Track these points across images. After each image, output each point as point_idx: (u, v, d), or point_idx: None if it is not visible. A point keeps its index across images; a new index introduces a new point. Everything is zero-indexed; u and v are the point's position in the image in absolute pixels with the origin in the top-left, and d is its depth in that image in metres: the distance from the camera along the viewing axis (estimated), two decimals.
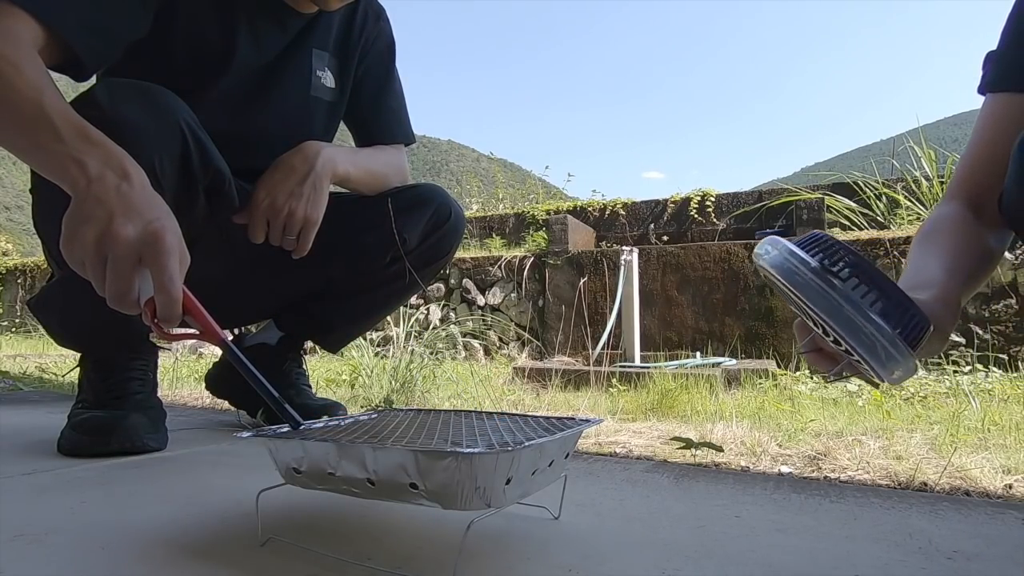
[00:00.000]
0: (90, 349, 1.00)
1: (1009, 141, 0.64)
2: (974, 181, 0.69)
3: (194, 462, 0.90)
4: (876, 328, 0.44)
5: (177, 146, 0.83)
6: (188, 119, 0.84)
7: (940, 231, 0.68)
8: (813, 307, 0.46)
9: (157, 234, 0.60)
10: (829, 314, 0.45)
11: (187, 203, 0.87)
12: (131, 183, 0.64)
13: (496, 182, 6.38)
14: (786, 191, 3.92)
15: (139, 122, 0.80)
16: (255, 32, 1.00)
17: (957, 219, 0.68)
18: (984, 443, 1.15)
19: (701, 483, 0.81)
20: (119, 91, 0.82)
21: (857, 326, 0.44)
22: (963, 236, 0.66)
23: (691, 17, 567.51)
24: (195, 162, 0.85)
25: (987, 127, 0.68)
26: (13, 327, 5.79)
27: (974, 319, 2.79)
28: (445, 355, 2.41)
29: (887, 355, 0.45)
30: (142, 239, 0.60)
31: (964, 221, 0.68)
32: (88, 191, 0.61)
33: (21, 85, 0.66)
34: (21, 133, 0.66)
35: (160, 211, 0.64)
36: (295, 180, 0.95)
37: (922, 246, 0.68)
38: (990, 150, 0.67)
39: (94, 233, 0.60)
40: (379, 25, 1.19)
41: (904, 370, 0.46)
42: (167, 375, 2.17)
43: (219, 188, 0.90)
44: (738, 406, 1.61)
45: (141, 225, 0.61)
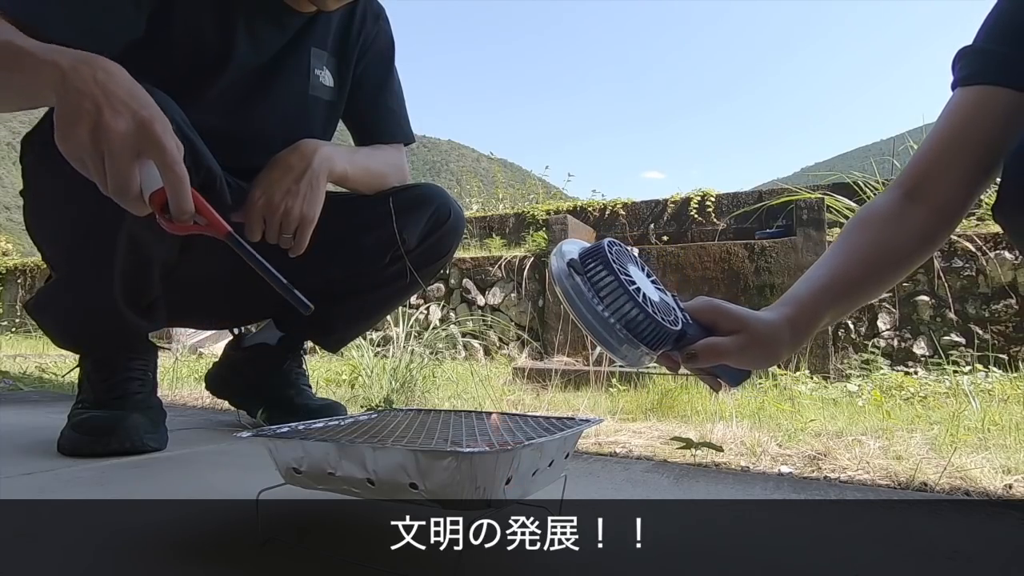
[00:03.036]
0: (88, 350, 1.00)
1: (975, 133, 0.66)
2: (921, 169, 0.70)
3: (194, 462, 0.90)
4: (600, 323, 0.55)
5: None
6: (175, 118, 0.82)
7: (864, 222, 0.71)
8: (572, 313, 0.56)
9: (147, 123, 0.61)
10: (579, 318, 0.55)
11: None
12: (108, 73, 0.63)
13: (496, 182, 6.38)
14: (786, 191, 3.92)
15: None
16: (253, 31, 1.00)
17: (884, 213, 0.70)
18: (984, 443, 1.14)
19: (701, 483, 0.81)
20: None
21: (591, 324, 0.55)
22: (881, 233, 0.69)
23: (692, 18, 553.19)
24: (186, 161, 0.84)
25: (953, 118, 0.68)
26: (13, 327, 5.79)
27: (974, 319, 2.79)
28: (445, 355, 2.41)
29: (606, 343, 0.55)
30: (136, 131, 0.61)
31: (890, 217, 0.69)
32: (65, 83, 0.61)
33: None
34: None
35: (145, 100, 0.64)
36: (292, 178, 0.94)
37: (840, 239, 0.71)
38: (950, 140, 0.68)
39: (87, 128, 0.60)
40: (378, 25, 1.19)
41: (629, 360, 0.56)
42: (167, 375, 2.17)
43: (211, 187, 0.89)
44: (738, 406, 1.61)
45: (130, 116, 0.61)
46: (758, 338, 0.59)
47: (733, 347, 0.59)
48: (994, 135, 0.66)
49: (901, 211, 0.69)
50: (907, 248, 0.69)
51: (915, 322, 2.92)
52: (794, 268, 3.12)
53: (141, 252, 0.86)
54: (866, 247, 0.69)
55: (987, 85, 0.65)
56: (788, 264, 3.14)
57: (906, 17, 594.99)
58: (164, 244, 0.89)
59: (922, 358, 2.86)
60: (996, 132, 0.66)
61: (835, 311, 0.67)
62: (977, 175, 0.68)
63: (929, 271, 2.90)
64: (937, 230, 0.70)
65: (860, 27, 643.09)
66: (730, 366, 0.62)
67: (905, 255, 0.70)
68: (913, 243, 0.69)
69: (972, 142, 0.67)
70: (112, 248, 0.83)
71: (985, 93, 0.65)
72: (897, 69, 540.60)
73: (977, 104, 0.66)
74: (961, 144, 0.67)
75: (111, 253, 0.84)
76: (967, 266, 2.83)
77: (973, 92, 0.66)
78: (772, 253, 3.19)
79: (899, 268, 0.71)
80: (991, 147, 0.66)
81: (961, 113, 0.68)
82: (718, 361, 0.60)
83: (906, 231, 0.69)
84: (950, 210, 0.69)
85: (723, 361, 0.60)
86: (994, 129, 0.65)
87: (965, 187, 0.68)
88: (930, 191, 0.68)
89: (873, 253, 0.69)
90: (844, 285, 0.67)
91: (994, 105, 0.65)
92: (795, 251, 3.14)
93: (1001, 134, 0.66)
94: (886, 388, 2.08)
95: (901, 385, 2.09)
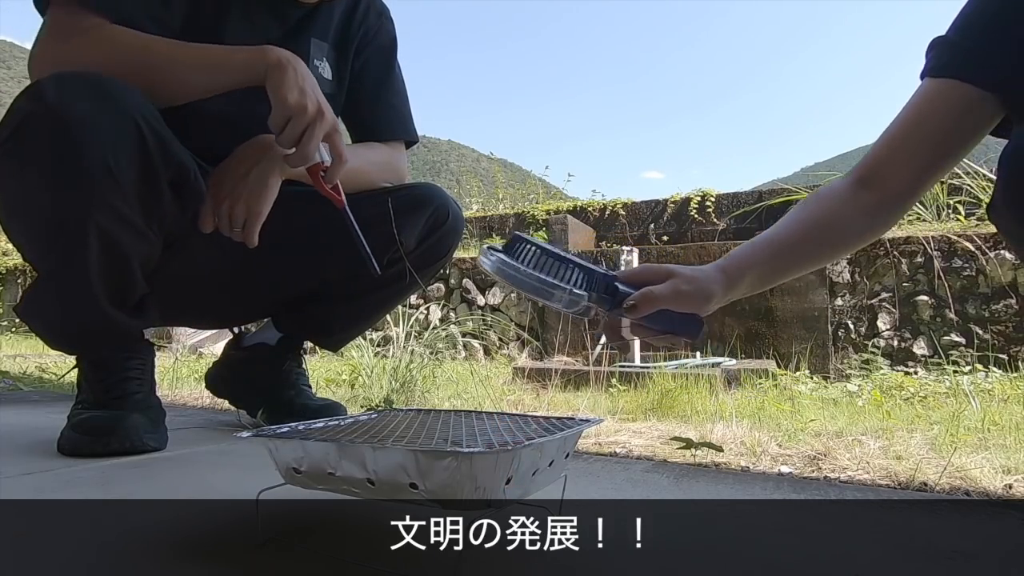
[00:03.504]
0: (81, 350, 0.99)
1: (934, 125, 0.67)
2: (879, 156, 0.71)
3: (194, 462, 0.90)
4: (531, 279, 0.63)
5: (132, 140, 0.81)
6: (144, 112, 0.82)
7: (816, 197, 0.74)
8: (511, 284, 0.65)
9: (337, 124, 0.87)
10: (516, 285, 0.64)
11: (152, 198, 0.85)
12: (299, 69, 0.85)
13: (496, 182, 6.38)
14: (786, 191, 3.92)
15: (89, 117, 0.78)
16: (249, 17, 1.00)
17: (836, 193, 0.72)
18: (984, 443, 1.14)
19: (701, 483, 0.81)
20: (69, 84, 0.79)
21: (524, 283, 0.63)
22: (828, 209, 0.72)
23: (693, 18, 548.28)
24: (155, 156, 0.83)
25: (915, 108, 0.69)
26: (13, 327, 5.79)
27: (974, 319, 2.79)
28: (445, 355, 2.41)
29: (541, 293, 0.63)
30: (334, 124, 0.86)
31: (841, 197, 0.72)
32: (281, 65, 0.83)
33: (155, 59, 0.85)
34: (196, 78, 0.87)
35: (319, 90, 0.87)
36: (241, 171, 0.92)
37: (791, 211, 0.74)
38: (909, 131, 0.69)
39: (312, 107, 0.83)
40: (380, 21, 1.18)
41: (566, 303, 0.63)
42: (167, 375, 2.17)
43: (184, 181, 0.88)
44: (738, 406, 1.61)
45: (329, 112, 0.85)
46: (688, 279, 0.64)
47: (667, 290, 0.63)
48: (952, 129, 0.66)
49: (853, 194, 0.71)
50: (850, 228, 0.71)
51: (915, 322, 2.92)
52: None
53: (114, 248, 0.85)
54: (809, 219, 0.72)
55: (951, 79, 0.65)
56: None
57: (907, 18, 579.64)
58: (141, 240, 0.88)
59: (922, 358, 2.86)
60: (954, 126, 0.66)
61: (766, 269, 0.70)
62: (931, 167, 0.69)
63: (929, 271, 2.90)
64: (884, 216, 0.71)
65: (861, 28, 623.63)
66: (676, 317, 0.66)
67: (846, 234, 0.72)
68: (856, 225, 0.71)
69: (930, 134, 0.67)
70: (83, 244, 0.82)
71: (948, 87, 0.66)
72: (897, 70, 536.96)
73: (940, 97, 0.66)
74: (919, 135, 0.68)
75: (83, 249, 0.83)
76: (967, 266, 2.83)
77: (937, 84, 0.67)
78: None
79: (838, 245, 0.73)
80: (948, 140, 0.67)
81: (923, 104, 0.68)
82: (655, 306, 0.63)
83: (852, 212, 0.71)
84: (899, 198, 0.71)
85: (660, 305, 0.63)
86: (953, 123, 0.66)
87: (917, 177, 0.69)
88: (882, 179, 0.70)
89: (815, 226, 0.71)
90: (779, 246, 0.70)
91: (956, 99, 0.65)
92: None
93: (960, 128, 0.66)
94: (886, 388, 2.08)
95: (901, 385, 2.09)
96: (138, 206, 0.85)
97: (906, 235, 3.02)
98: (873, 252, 3.04)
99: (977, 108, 0.65)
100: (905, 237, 3.01)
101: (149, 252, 0.92)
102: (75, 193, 0.80)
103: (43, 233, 0.84)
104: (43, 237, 0.85)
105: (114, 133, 0.80)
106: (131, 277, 0.90)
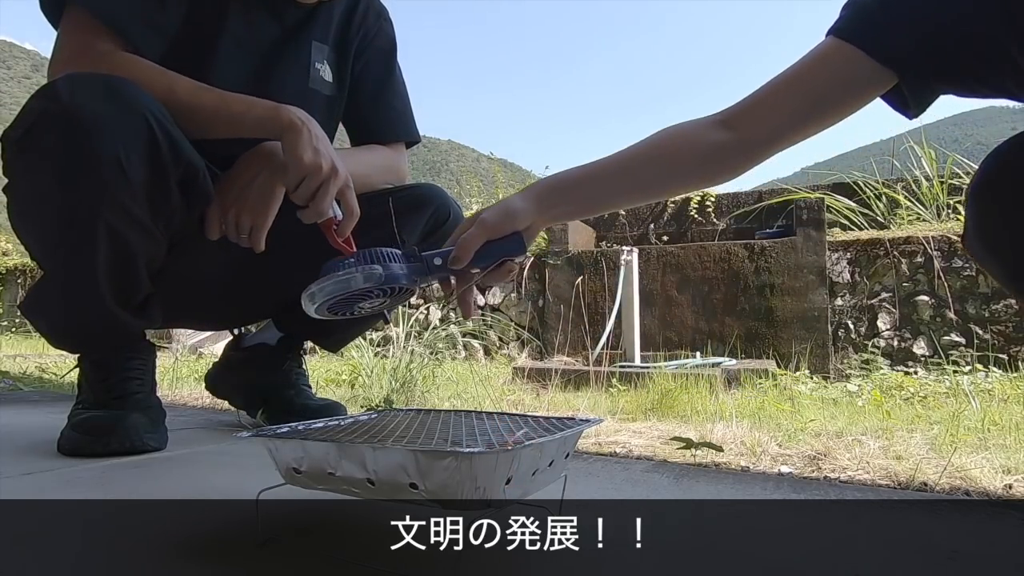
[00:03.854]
0: (83, 349, 0.99)
1: (824, 85, 0.64)
2: (755, 98, 0.68)
3: (194, 462, 0.90)
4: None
5: (144, 139, 0.82)
6: (155, 111, 0.83)
7: (669, 129, 0.71)
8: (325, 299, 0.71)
9: (350, 181, 0.90)
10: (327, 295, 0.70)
11: (160, 198, 0.86)
12: (313, 130, 0.88)
13: (496, 182, 6.37)
14: (786, 191, 3.92)
15: (102, 116, 0.79)
16: (248, 19, 1.00)
17: (692, 126, 0.70)
18: (984, 443, 1.14)
19: (701, 483, 0.81)
20: (81, 84, 0.80)
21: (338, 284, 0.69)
22: (673, 139, 0.70)
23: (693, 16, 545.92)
24: (165, 155, 0.84)
25: (811, 64, 0.66)
26: (13, 327, 5.79)
27: (974, 319, 2.79)
28: (445, 355, 2.41)
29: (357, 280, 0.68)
30: (347, 181, 0.89)
31: (694, 130, 0.69)
32: (295, 126, 0.86)
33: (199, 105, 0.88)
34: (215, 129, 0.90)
35: (332, 148, 0.91)
36: (246, 179, 0.94)
37: (639, 141, 0.72)
38: (790, 83, 0.66)
39: (327, 165, 0.86)
40: (380, 23, 1.18)
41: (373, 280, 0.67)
42: (167, 375, 2.17)
43: (193, 181, 0.89)
44: (738, 406, 1.61)
45: (343, 169, 0.89)
46: (489, 211, 0.68)
47: (474, 228, 0.67)
48: (838, 92, 0.64)
49: (710, 129, 0.69)
50: (694, 161, 0.69)
51: (915, 322, 2.92)
52: (794, 268, 3.12)
53: (122, 245, 0.86)
54: (656, 143, 0.70)
55: (854, 46, 0.63)
56: (788, 264, 3.14)
57: None
58: (148, 239, 0.89)
59: (922, 358, 2.86)
60: (841, 90, 0.64)
61: (594, 187, 0.70)
62: (800, 123, 0.66)
63: (929, 271, 2.90)
64: (732, 159, 0.69)
65: None
66: (497, 246, 0.68)
67: (690, 166, 0.70)
68: (702, 159, 0.69)
69: (813, 91, 0.65)
70: (92, 240, 0.83)
71: (849, 50, 0.63)
72: None
73: (838, 58, 0.64)
74: (802, 89, 0.65)
75: (91, 245, 0.83)
76: (967, 266, 2.83)
77: (839, 45, 0.64)
78: (772, 253, 3.19)
79: (677, 175, 0.71)
80: (828, 102, 0.65)
81: (816, 62, 0.65)
82: (471, 247, 0.67)
83: (703, 146, 0.68)
84: (755, 145, 0.68)
85: (475, 244, 0.67)
86: (841, 87, 0.64)
87: (781, 128, 0.67)
88: (748, 120, 0.67)
89: (658, 150, 0.70)
90: (613, 167, 0.70)
91: (852, 66, 0.63)
92: (795, 251, 3.14)
93: (845, 94, 0.64)
94: (886, 388, 2.09)
95: (901, 385, 2.09)
96: (147, 205, 0.85)
97: (906, 235, 3.02)
98: (873, 252, 3.04)
99: (871, 79, 0.63)
100: (905, 237, 3.01)
101: (155, 251, 0.92)
102: (86, 190, 0.81)
103: (53, 229, 0.85)
104: (53, 233, 0.85)
105: (126, 132, 0.81)
106: (137, 276, 0.91)
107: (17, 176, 0.84)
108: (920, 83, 0.63)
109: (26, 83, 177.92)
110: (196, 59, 0.97)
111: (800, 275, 3.11)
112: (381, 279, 0.67)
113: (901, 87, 0.63)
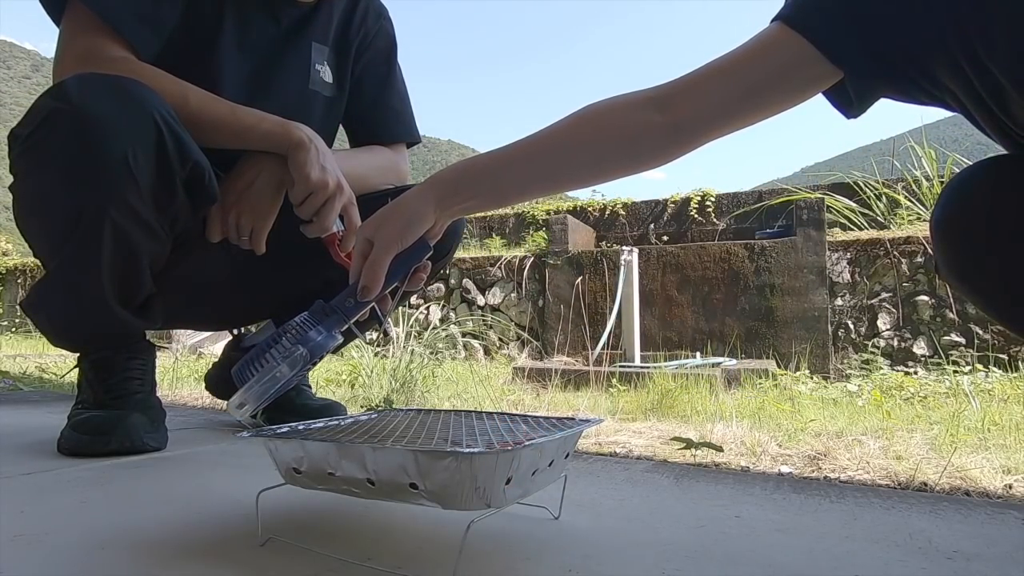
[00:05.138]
0: (84, 348, 0.99)
1: (765, 74, 0.59)
2: (690, 80, 0.62)
3: (194, 462, 0.90)
4: None
5: (151, 138, 0.82)
6: (163, 111, 0.83)
7: (588, 107, 0.65)
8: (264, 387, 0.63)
9: (353, 197, 0.95)
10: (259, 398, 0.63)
11: (166, 197, 0.86)
12: (319, 147, 0.92)
13: None
14: (786, 191, 3.92)
15: (110, 115, 0.80)
16: (246, 19, 1.00)
17: (615, 105, 0.64)
18: (984, 443, 1.15)
19: (701, 483, 0.81)
20: (91, 84, 0.81)
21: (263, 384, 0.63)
22: (596, 116, 0.64)
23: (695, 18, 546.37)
24: (172, 155, 0.84)
25: (753, 51, 0.60)
26: (13, 327, 5.79)
27: (974, 319, 2.79)
28: (445, 355, 2.41)
29: None
30: (350, 198, 0.94)
31: (622, 107, 0.64)
32: (303, 144, 0.90)
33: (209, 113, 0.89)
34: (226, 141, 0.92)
35: (336, 166, 0.95)
36: (246, 181, 0.95)
37: (560, 119, 0.66)
38: (731, 68, 0.61)
39: (333, 183, 0.91)
40: (380, 23, 1.18)
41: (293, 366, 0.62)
42: (167, 375, 2.18)
43: (199, 181, 0.89)
44: (738, 406, 1.61)
45: (346, 186, 0.94)
46: (383, 223, 0.65)
47: (376, 252, 0.63)
48: (778, 83, 0.59)
49: (635, 109, 0.63)
50: (615, 142, 0.64)
51: (915, 322, 2.92)
52: (794, 268, 3.12)
53: (127, 244, 0.86)
54: (577, 121, 0.64)
55: (801, 36, 0.57)
56: (788, 264, 3.15)
57: None
58: (152, 238, 0.89)
59: (922, 358, 2.86)
60: (776, 85, 0.59)
61: (492, 183, 0.66)
62: (735, 112, 0.61)
63: (929, 271, 2.90)
64: (662, 143, 0.63)
65: None
66: (405, 256, 0.65)
67: (609, 150, 0.64)
68: (625, 141, 0.64)
69: (746, 82, 0.60)
70: (98, 238, 0.83)
71: (795, 40, 0.58)
72: None
73: (783, 47, 0.59)
74: (735, 79, 0.60)
75: (96, 243, 0.84)
76: None
77: (786, 33, 0.58)
78: (772, 253, 3.19)
79: (594, 163, 0.65)
80: (761, 97, 0.60)
81: (759, 49, 0.60)
82: (379, 269, 0.63)
83: (625, 127, 0.63)
84: (680, 132, 0.62)
85: (382, 264, 0.63)
86: (780, 78, 0.59)
87: (715, 115, 0.62)
88: (676, 103, 0.62)
89: (579, 129, 0.64)
90: (516, 155, 0.65)
91: (797, 57, 0.58)
92: (795, 251, 3.14)
93: (786, 85, 0.59)
94: (886, 388, 2.09)
95: (901, 385, 2.09)
96: (152, 204, 0.85)
97: (906, 235, 3.03)
98: (873, 252, 3.04)
99: (817, 75, 0.58)
100: (905, 237, 3.01)
101: (159, 251, 0.92)
102: (93, 188, 0.81)
103: (59, 227, 0.85)
104: (58, 231, 0.86)
105: (134, 131, 0.81)
106: (140, 275, 0.91)
107: (24, 173, 0.85)
108: (866, 84, 0.59)
109: (26, 83, 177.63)
110: (198, 61, 0.97)
111: (800, 275, 3.11)
112: (308, 359, 0.63)
113: (846, 86, 0.59)
